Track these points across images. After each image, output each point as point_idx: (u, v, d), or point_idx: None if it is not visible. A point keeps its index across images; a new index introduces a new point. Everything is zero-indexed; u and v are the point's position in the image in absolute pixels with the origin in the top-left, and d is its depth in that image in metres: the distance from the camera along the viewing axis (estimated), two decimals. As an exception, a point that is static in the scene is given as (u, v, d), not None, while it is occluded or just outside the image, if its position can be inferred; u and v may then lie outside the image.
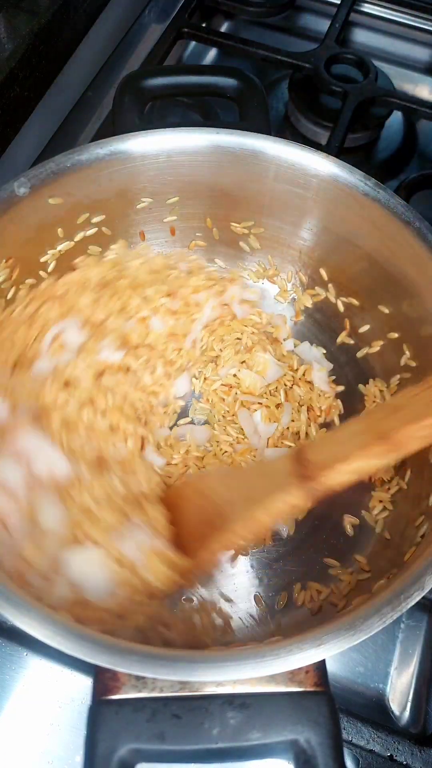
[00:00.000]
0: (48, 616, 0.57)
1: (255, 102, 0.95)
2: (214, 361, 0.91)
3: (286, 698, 0.56)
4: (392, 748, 0.72)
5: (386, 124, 1.20)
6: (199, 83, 0.99)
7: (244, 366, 0.88)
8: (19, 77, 0.98)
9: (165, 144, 0.84)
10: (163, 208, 0.91)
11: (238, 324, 0.92)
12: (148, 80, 0.97)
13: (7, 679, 0.76)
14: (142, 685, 0.57)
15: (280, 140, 0.83)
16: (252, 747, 0.54)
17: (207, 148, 0.84)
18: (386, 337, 0.87)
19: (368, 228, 0.83)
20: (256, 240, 0.94)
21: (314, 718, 0.55)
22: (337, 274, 0.91)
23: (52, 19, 1.02)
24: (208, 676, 0.55)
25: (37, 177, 0.79)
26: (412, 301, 0.81)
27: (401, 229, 0.79)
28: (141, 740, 0.54)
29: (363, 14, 1.34)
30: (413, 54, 1.34)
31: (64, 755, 0.73)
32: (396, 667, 0.80)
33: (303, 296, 0.95)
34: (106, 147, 0.82)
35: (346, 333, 0.92)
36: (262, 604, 0.77)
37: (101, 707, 0.56)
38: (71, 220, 0.85)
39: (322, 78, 1.14)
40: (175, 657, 0.56)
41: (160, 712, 0.55)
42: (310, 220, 0.89)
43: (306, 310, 0.95)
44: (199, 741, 0.54)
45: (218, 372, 0.89)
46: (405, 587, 0.60)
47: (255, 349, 0.89)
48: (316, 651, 0.56)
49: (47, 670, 0.76)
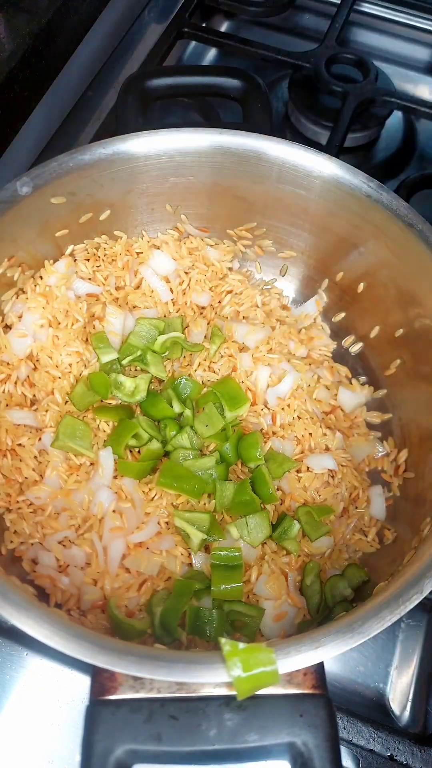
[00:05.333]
0: (46, 616, 0.57)
1: (258, 102, 0.95)
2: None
3: (284, 700, 0.56)
4: (392, 748, 0.72)
5: (386, 124, 1.20)
6: (203, 84, 0.99)
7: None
8: (19, 77, 0.98)
9: (167, 144, 0.84)
10: (166, 209, 0.91)
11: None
12: (152, 81, 0.97)
13: (7, 679, 0.76)
14: (139, 686, 0.57)
15: (282, 141, 0.83)
16: (249, 749, 0.54)
17: (209, 149, 0.84)
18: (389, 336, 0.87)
19: (370, 230, 0.82)
20: (258, 241, 0.94)
21: (312, 721, 0.55)
22: (337, 275, 0.91)
23: (52, 19, 1.02)
24: (206, 677, 0.55)
25: (39, 176, 0.79)
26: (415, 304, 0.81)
27: (404, 231, 0.79)
28: (138, 741, 0.54)
29: (363, 14, 1.34)
30: (413, 54, 1.34)
31: (64, 755, 0.73)
32: (396, 667, 0.80)
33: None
34: (108, 147, 0.82)
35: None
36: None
37: (98, 707, 0.56)
38: (74, 219, 0.85)
39: (322, 78, 1.14)
40: (172, 658, 0.56)
41: (157, 713, 0.55)
42: (311, 222, 0.89)
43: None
44: (196, 742, 0.54)
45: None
46: (404, 590, 0.60)
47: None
48: (314, 653, 0.56)
49: (47, 670, 0.77)
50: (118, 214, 0.89)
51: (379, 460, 0.85)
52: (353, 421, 0.87)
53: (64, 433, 0.78)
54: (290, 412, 0.84)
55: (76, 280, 0.88)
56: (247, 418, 0.84)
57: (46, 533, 0.75)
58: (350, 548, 0.80)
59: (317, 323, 0.94)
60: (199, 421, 0.81)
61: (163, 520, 0.77)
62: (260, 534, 0.76)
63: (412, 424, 0.83)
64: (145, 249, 0.92)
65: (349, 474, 0.82)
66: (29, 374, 0.84)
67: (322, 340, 0.92)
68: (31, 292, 0.85)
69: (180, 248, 0.92)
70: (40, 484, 0.77)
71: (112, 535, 0.75)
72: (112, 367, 0.84)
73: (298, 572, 0.77)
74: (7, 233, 0.79)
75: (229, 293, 0.92)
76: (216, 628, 0.69)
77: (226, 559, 0.73)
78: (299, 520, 0.77)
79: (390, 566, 0.73)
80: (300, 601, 0.75)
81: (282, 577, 0.76)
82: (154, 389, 0.85)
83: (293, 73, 1.20)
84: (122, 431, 0.79)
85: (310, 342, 0.92)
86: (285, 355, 0.88)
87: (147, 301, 0.89)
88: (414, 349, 0.83)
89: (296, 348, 0.89)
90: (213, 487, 0.78)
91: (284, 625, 0.73)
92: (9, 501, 0.77)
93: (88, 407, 0.82)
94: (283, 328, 0.90)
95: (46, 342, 0.84)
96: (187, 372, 0.86)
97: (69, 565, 0.74)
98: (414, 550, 0.68)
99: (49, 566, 0.74)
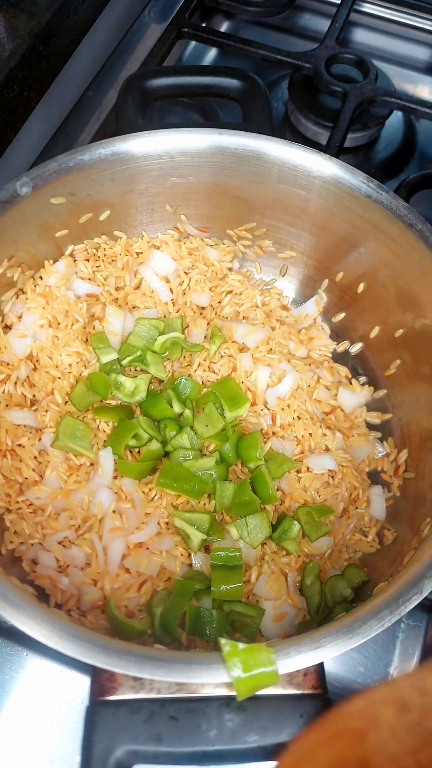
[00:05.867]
0: (46, 616, 0.57)
1: (258, 102, 0.95)
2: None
3: (284, 701, 0.57)
4: (391, 749, 0.72)
5: (386, 124, 1.20)
6: (203, 84, 0.99)
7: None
8: (19, 77, 0.98)
9: (167, 144, 0.84)
10: (165, 209, 0.91)
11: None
12: (152, 81, 0.97)
13: (7, 679, 0.76)
14: (139, 686, 0.57)
15: (282, 141, 0.83)
16: (249, 749, 0.54)
17: (209, 149, 0.84)
18: (389, 336, 0.87)
19: (370, 230, 0.82)
20: (257, 241, 0.94)
21: (312, 721, 0.55)
22: (337, 275, 0.91)
23: (52, 19, 1.02)
24: (206, 677, 0.55)
25: (39, 177, 0.79)
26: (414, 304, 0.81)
27: (404, 231, 0.79)
28: (138, 741, 0.54)
29: (363, 14, 1.34)
30: (413, 54, 1.34)
31: (64, 755, 0.73)
32: (396, 667, 0.80)
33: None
34: (108, 147, 0.82)
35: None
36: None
37: (98, 708, 0.56)
38: (74, 219, 0.85)
39: (322, 78, 1.14)
40: (172, 658, 0.56)
41: (157, 713, 0.55)
42: (311, 222, 0.89)
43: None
44: (196, 743, 0.54)
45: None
46: (404, 591, 0.60)
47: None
48: (314, 654, 0.56)
49: (47, 670, 0.77)
50: (117, 215, 0.89)
51: (379, 461, 0.85)
52: (353, 421, 0.87)
53: (64, 434, 0.78)
54: (290, 412, 0.84)
55: (76, 281, 0.88)
56: (247, 418, 0.84)
57: (46, 533, 0.75)
58: (350, 548, 0.80)
59: (317, 323, 0.94)
60: (199, 422, 0.81)
61: (163, 521, 0.77)
62: (260, 534, 0.76)
63: (412, 425, 0.83)
64: (145, 249, 0.92)
65: (349, 474, 0.82)
66: (29, 374, 0.84)
67: (322, 340, 0.92)
68: (30, 293, 0.85)
69: (180, 248, 0.92)
70: (40, 485, 0.77)
71: (112, 536, 0.75)
72: (111, 368, 0.84)
73: (298, 572, 0.77)
74: (7, 233, 0.79)
75: (229, 293, 0.92)
76: (216, 628, 0.69)
77: (226, 560, 0.73)
78: (299, 521, 0.77)
79: (390, 566, 0.73)
80: (300, 601, 0.75)
81: (282, 577, 0.76)
82: (154, 389, 0.85)
83: (293, 73, 1.20)
84: (122, 431, 0.79)
85: (310, 342, 0.92)
86: (285, 355, 0.88)
87: (147, 301, 0.89)
88: (414, 349, 0.83)
89: (296, 348, 0.90)
90: (213, 487, 0.78)
91: (284, 626, 0.73)
92: (9, 501, 0.77)
93: (87, 407, 0.82)
94: (283, 329, 0.90)
95: (46, 342, 0.84)
96: (187, 372, 0.85)
97: (69, 565, 0.74)
98: (414, 551, 0.68)
99: (49, 566, 0.74)
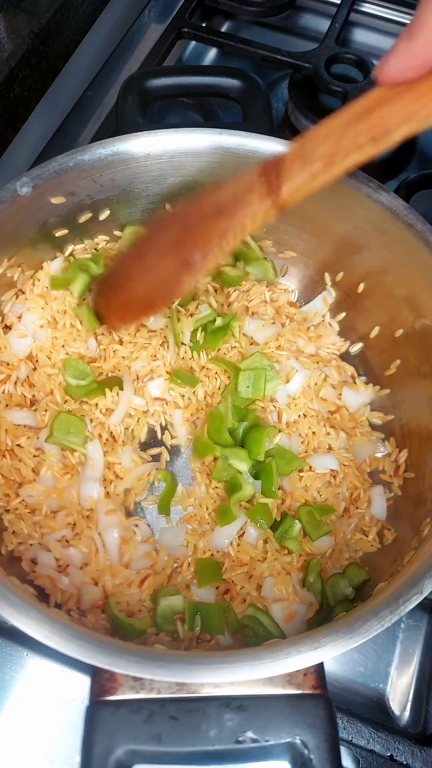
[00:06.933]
0: (46, 616, 0.57)
1: (258, 102, 0.95)
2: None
3: (284, 701, 0.56)
4: (392, 748, 0.72)
5: (387, 124, 1.19)
6: (203, 84, 0.99)
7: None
8: (19, 77, 0.98)
9: (167, 144, 0.83)
10: (165, 209, 0.90)
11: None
12: (152, 81, 0.96)
13: (7, 679, 0.76)
14: (139, 686, 0.57)
15: (282, 141, 0.83)
16: (249, 749, 0.54)
17: (209, 149, 0.84)
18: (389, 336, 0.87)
19: (370, 230, 0.82)
20: (257, 241, 0.94)
21: (312, 721, 0.55)
22: (337, 275, 0.91)
23: (52, 19, 1.02)
24: (206, 677, 0.55)
25: (39, 176, 0.79)
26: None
27: (404, 231, 0.79)
28: (138, 741, 0.54)
29: (363, 14, 1.34)
30: (413, 54, 1.33)
31: (64, 755, 0.73)
32: (396, 667, 0.80)
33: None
34: (108, 147, 0.82)
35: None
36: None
37: (98, 708, 0.56)
38: (73, 219, 0.85)
39: (322, 78, 1.14)
40: (172, 658, 0.56)
41: (157, 713, 0.55)
42: (311, 222, 0.89)
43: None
44: (196, 743, 0.54)
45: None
46: (404, 590, 0.60)
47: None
48: (314, 654, 0.56)
49: (47, 670, 0.77)
50: (117, 215, 0.89)
51: (379, 461, 0.85)
52: (357, 420, 0.87)
53: (59, 429, 0.79)
54: (296, 410, 0.84)
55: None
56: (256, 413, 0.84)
57: (44, 533, 0.76)
58: (351, 548, 0.80)
59: (325, 321, 0.93)
60: (243, 378, 0.83)
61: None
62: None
63: (413, 425, 0.83)
64: (145, 249, 0.92)
65: (351, 474, 0.82)
66: (29, 374, 0.84)
67: (330, 338, 0.92)
68: (29, 293, 0.85)
69: (180, 248, 0.92)
70: (34, 483, 0.78)
71: (106, 524, 0.76)
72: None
73: (299, 572, 0.77)
74: (7, 233, 0.79)
75: (235, 290, 0.92)
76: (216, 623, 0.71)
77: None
78: (300, 520, 0.77)
79: (390, 566, 0.73)
80: (307, 596, 0.75)
81: (288, 577, 0.76)
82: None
83: (293, 73, 1.19)
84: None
85: (319, 340, 0.92)
86: (293, 352, 0.88)
87: (147, 301, 0.89)
88: (414, 349, 0.83)
89: (305, 345, 0.89)
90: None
91: (296, 625, 0.74)
92: (8, 501, 0.77)
93: (83, 395, 0.83)
94: (292, 325, 0.90)
95: (46, 342, 0.84)
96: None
97: (68, 565, 0.75)
98: (414, 550, 0.68)
99: (49, 566, 0.74)
